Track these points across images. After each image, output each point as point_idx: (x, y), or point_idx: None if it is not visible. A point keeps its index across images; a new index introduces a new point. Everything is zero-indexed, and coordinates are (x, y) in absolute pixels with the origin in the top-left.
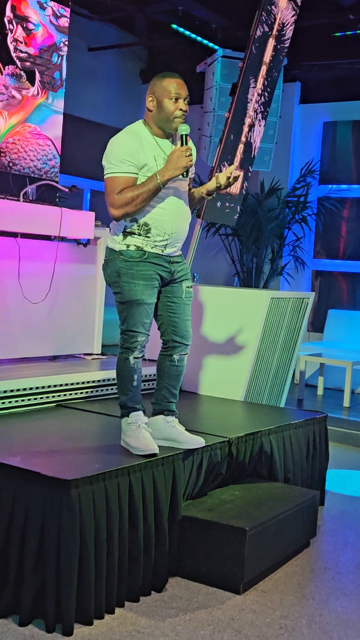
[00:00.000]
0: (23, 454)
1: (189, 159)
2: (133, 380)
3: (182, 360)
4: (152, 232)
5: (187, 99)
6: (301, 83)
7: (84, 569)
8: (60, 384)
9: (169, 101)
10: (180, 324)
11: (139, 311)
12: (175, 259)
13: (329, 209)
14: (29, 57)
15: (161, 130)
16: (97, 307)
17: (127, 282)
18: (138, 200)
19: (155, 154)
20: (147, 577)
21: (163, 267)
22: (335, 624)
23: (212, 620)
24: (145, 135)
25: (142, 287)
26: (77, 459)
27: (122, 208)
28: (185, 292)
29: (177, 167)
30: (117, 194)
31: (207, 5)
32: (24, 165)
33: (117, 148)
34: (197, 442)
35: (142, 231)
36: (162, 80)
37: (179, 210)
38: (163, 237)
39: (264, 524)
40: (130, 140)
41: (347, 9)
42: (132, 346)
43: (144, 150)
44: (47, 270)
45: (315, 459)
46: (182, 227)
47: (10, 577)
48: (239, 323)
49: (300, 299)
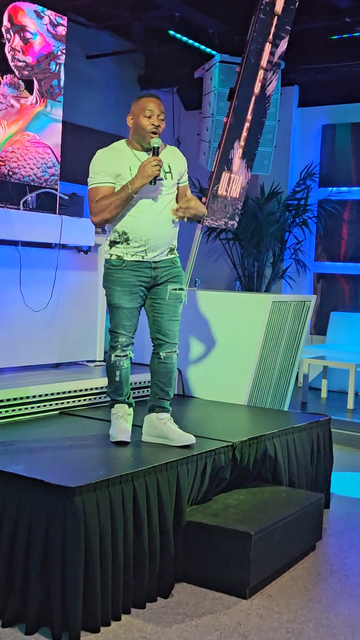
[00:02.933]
0: (26, 462)
1: (156, 169)
2: (115, 375)
3: (169, 357)
4: (130, 239)
5: (160, 115)
6: (299, 86)
7: (89, 576)
8: (63, 392)
9: (143, 118)
10: (163, 323)
11: (118, 314)
12: (160, 263)
13: (329, 212)
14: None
15: (140, 145)
16: (99, 313)
17: (108, 287)
18: (112, 206)
19: (131, 165)
20: (152, 583)
21: (143, 273)
22: (342, 627)
23: (218, 626)
24: (124, 149)
25: (119, 293)
26: (81, 466)
27: (99, 215)
28: (170, 293)
29: (144, 175)
30: (95, 202)
31: (204, 11)
32: (24, 174)
33: (95, 162)
34: (186, 440)
35: (122, 239)
36: (139, 100)
37: (155, 218)
38: (140, 244)
39: (269, 528)
40: (106, 155)
41: (344, 11)
42: (115, 345)
43: (118, 161)
44: (48, 278)
45: (320, 462)
46: (159, 233)
47: (16, 586)
48: (241, 327)
49: (302, 302)
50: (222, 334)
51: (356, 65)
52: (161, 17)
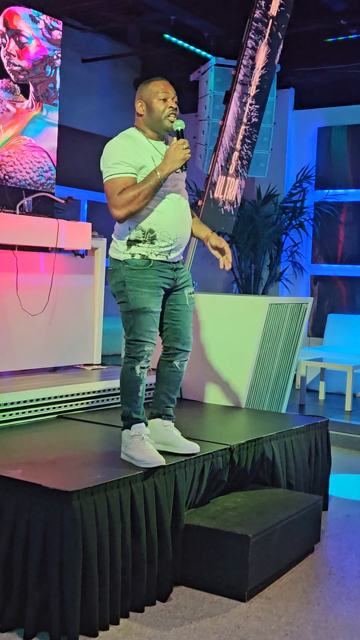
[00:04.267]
0: (24, 466)
1: (187, 151)
2: (138, 390)
3: (182, 366)
4: (158, 238)
5: (174, 98)
6: (295, 89)
7: (88, 580)
8: (60, 395)
9: (157, 101)
10: (183, 331)
11: (145, 320)
12: (178, 265)
13: (325, 214)
14: (22, 70)
15: (154, 132)
16: (96, 317)
17: (133, 290)
18: (140, 197)
19: (152, 155)
20: (151, 587)
21: (167, 275)
22: (341, 629)
23: (217, 629)
24: (140, 138)
25: (148, 295)
26: (79, 470)
27: (125, 207)
28: (188, 299)
29: (175, 160)
30: (118, 194)
31: (199, 14)
32: (20, 178)
33: (113, 151)
34: (192, 448)
35: (147, 238)
36: (148, 84)
37: (181, 214)
38: (168, 242)
39: (268, 531)
40: (125, 143)
41: (339, 14)
42: (139, 355)
43: (140, 152)
44: (45, 282)
45: (318, 464)
46: (185, 230)
47: (14, 591)
48: (238, 330)
49: (299, 304)
50: (219, 337)
51: (351, 68)
52: (157, 20)
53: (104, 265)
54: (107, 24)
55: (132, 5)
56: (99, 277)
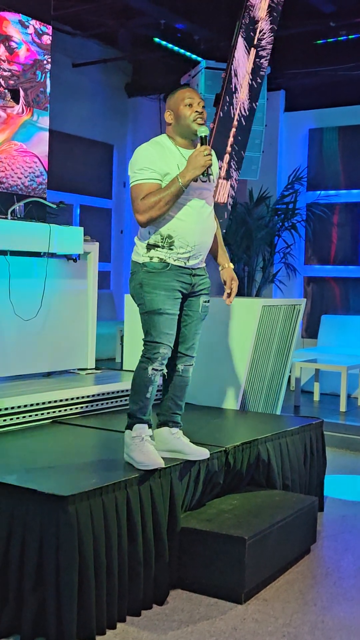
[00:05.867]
0: (19, 472)
1: (208, 158)
2: (147, 391)
3: (186, 371)
4: (176, 244)
5: (200, 103)
6: (285, 91)
7: (84, 585)
8: (55, 400)
9: (184, 107)
10: (189, 336)
11: (160, 321)
12: (198, 271)
13: (318, 215)
14: (12, 76)
15: (184, 139)
16: (90, 321)
17: (149, 292)
18: (161, 203)
19: (178, 163)
20: (148, 591)
21: (184, 280)
22: (338, 629)
23: (214, 632)
24: (169, 145)
25: (163, 297)
26: (74, 474)
27: (147, 212)
28: (202, 307)
29: (196, 166)
30: (141, 199)
31: (189, 18)
32: (12, 183)
33: (139, 157)
34: (202, 454)
35: (165, 244)
36: (174, 94)
37: (202, 222)
38: (186, 249)
39: (264, 532)
40: (152, 149)
41: (328, 16)
42: (154, 357)
43: (166, 159)
44: (37, 287)
45: (313, 465)
46: (205, 239)
47: (11, 597)
48: (232, 332)
49: (292, 305)
50: (213, 339)
51: (341, 69)
52: (147, 24)
53: (97, 269)
54: (97, 29)
55: (122, 10)
56: (92, 281)
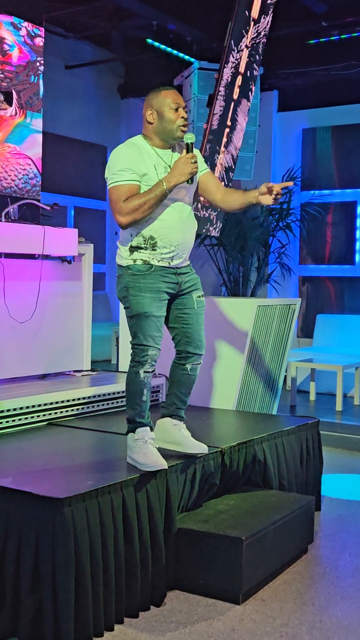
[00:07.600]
0: (15, 475)
1: (194, 166)
2: (142, 394)
3: (194, 369)
4: (159, 245)
5: (185, 108)
6: (278, 91)
7: (81, 587)
8: (50, 402)
9: (169, 111)
10: (194, 334)
11: (147, 324)
12: (183, 269)
13: (312, 215)
14: (5, 78)
15: (162, 141)
16: (85, 323)
17: (135, 295)
18: (145, 206)
19: (155, 163)
20: (145, 592)
21: (170, 280)
22: (336, 629)
23: (212, 632)
24: (145, 146)
25: (149, 300)
26: (70, 476)
27: (130, 215)
28: (197, 302)
29: (182, 173)
30: (123, 201)
31: (181, 19)
32: (5, 186)
33: (118, 158)
34: (200, 448)
35: (148, 245)
36: (158, 93)
37: (183, 221)
38: (169, 249)
39: (261, 533)
40: (129, 151)
41: (320, 16)
42: (143, 360)
43: (143, 160)
44: (32, 289)
45: (310, 465)
46: (187, 238)
47: (7, 600)
48: (227, 332)
49: (287, 305)
50: (209, 340)
51: (334, 69)
52: (139, 26)
53: (91, 271)
54: (90, 30)
55: (114, 11)
56: (87, 283)
